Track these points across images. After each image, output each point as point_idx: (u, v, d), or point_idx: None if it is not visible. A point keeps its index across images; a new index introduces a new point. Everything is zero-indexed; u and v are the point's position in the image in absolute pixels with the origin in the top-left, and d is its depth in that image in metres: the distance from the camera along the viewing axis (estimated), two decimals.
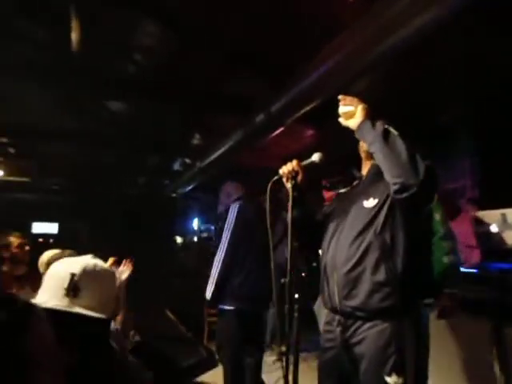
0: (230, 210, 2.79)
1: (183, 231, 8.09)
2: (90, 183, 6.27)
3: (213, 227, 8.58)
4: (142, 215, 6.22)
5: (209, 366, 3.57)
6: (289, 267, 1.37)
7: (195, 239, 9.09)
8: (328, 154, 1.60)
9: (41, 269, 2.15)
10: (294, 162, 1.59)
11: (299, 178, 1.59)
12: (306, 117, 3.12)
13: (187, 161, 5.78)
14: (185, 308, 4.49)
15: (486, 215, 1.27)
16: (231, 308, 2.64)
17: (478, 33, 2.39)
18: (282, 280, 1.38)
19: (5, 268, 2.75)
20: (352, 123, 1.47)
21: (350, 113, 1.48)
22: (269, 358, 4.09)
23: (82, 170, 5.79)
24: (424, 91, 2.93)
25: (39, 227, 6.74)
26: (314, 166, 1.57)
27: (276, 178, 1.58)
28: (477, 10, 1.69)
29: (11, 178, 5.79)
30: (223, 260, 2.66)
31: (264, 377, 2.91)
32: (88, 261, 0.96)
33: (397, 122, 1.41)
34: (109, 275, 0.96)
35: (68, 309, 0.88)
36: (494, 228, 2.32)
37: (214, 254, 2.81)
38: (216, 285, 2.63)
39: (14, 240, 2.72)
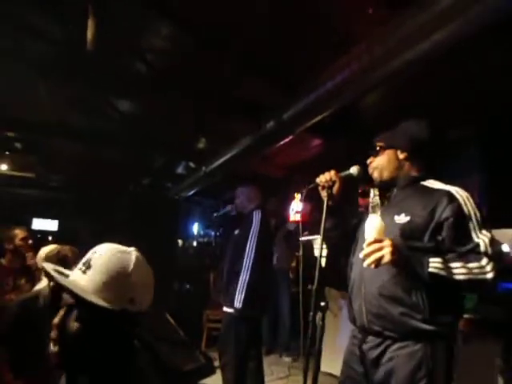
0: (254, 217, 2.77)
1: (183, 235, 8.05)
2: (94, 182, 6.25)
3: (213, 233, 8.54)
4: (144, 216, 6.19)
5: (207, 372, 3.51)
6: (317, 274, 1.35)
7: (194, 244, 9.05)
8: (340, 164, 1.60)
9: (39, 263, 2.14)
10: (332, 172, 1.57)
11: (335, 188, 1.56)
12: (316, 126, 3.13)
13: (191, 165, 5.78)
14: (184, 313, 4.45)
15: (497, 234, 1.25)
16: (253, 315, 2.67)
17: (493, 48, 2.40)
18: (309, 287, 1.36)
19: (4, 260, 2.75)
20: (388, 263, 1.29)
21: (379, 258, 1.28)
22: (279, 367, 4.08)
23: (87, 168, 5.78)
24: (437, 105, 2.94)
25: (39, 224, 6.71)
26: (351, 179, 1.55)
27: (312, 185, 1.58)
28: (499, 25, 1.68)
29: (15, 173, 5.78)
30: (252, 267, 2.62)
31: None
32: (120, 247, 0.91)
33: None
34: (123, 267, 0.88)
35: (62, 282, 0.83)
36: (505, 248, 2.29)
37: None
38: (246, 292, 2.60)
39: (19, 233, 2.74)
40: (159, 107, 4.09)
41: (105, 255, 0.87)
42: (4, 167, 5.67)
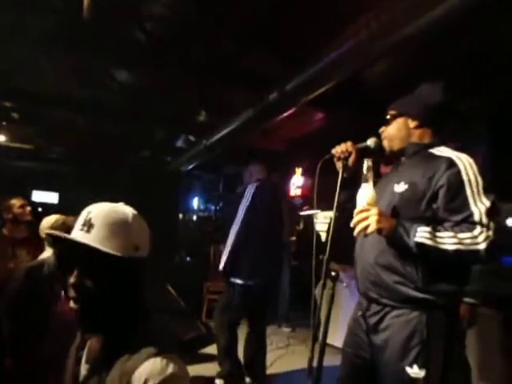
0: (248, 189, 2.91)
1: (183, 209, 8.08)
2: (94, 155, 6.20)
3: (213, 207, 8.58)
4: (145, 189, 6.19)
5: (207, 341, 3.61)
6: (329, 246, 1.34)
7: (194, 218, 9.10)
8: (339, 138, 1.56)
9: (42, 233, 2.14)
10: (348, 143, 1.51)
11: (351, 159, 1.51)
12: (319, 99, 3.07)
13: (191, 138, 5.71)
14: (184, 284, 4.52)
15: (502, 209, 1.24)
16: (241, 282, 2.77)
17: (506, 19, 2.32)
18: (321, 256, 1.36)
19: (6, 231, 2.76)
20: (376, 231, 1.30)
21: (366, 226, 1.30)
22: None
23: (87, 141, 5.71)
24: (446, 77, 2.86)
25: (39, 196, 6.69)
26: (367, 151, 1.50)
27: (327, 156, 1.52)
28: None
29: (14, 145, 5.71)
30: (237, 233, 2.80)
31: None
32: (111, 203, 0.96)
33: None
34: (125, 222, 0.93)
35: (76, 239, 0.87)
36: (510, 222, 2.28)
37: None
38: (228, 256, 2.78)
39: (16, 202, 2.73)
40: (159, 79, 4.00)
41: (103, 211, 0.91)
42: (2, 138, 5.60)
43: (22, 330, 1.88)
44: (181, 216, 7.97)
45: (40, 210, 6.33)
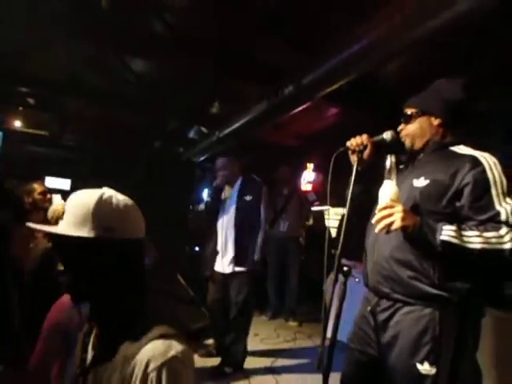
0: (263, 188, 3.23)
1: (194, 200, 8.10)
2: (108, 143, 6.24)
3: None
4: (157, 179, 6.22)
5: None
6: (341, 240, 1.33)
7: (203, 208, 9.12)
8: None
9: (50, 217, 2.17)
10: (364, 136, 1.50)
11: (366, 153, 1.50)
12: (334, 94, 3.03)
13: (203, 129, 5.71)
14: (193, 274, 4.54)
15: None
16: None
17: None
18: (333, 251, 1.36)
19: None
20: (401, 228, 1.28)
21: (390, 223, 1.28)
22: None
23: (100, 128, 5.74)
24: (465, 74, 2.80)
25: (52, 182, 6.76)
26: (384, 144, 1.48)
27: (342, 149, 1.50)
28: None
29: (29, 130, 5.77)
30: (264, 232, 3.19)
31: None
32: (88, 190, 0.98)
33: None
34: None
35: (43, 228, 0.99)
36: None
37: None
38: (261, 251, 3.13)
39: (37, 187, 2.77)
40: (174, 69, 3.99)
41: (73, 198, 0.96)
42: (18, 124, 5.66)
43: (37, 308, 1.92)
44: (191, 207, 8.00)
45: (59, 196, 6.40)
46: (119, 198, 0.96)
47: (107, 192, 0.96)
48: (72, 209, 0.93)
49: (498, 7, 1.73)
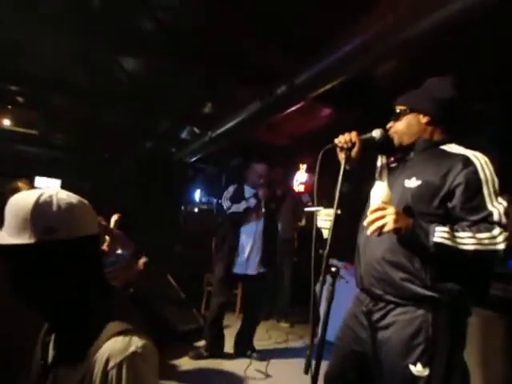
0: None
1: (186, 200, 8.05)
2: (98, 143, 6.17)
3: (215, 200, 8.53)
4: (148, 179, 6.17)
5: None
6: (329, 240, 1.31)
7: (195, 210, 9.06)
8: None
9: None
10: (353, 133, 1.46)
11: (354, 151, 1.47)
12: (327, 95, 3.02)
13: (196, 130, 5.67)
14: (185, 276, 4.51)
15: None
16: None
17: None
18: (320, 251, 1.33)
19: None
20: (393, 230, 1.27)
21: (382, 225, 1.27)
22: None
23: (91, 128, 5.68)
24: (459, 76, 2.81)
25: (42, 182, 6.65)
26: (373, 143, 1.46)
27: (329, 146, 1.46)
28: None
29: (18, 129, 5.68)
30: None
31: None
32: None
33: None
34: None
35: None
36: None
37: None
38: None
39: (23, 186, 2.69)
40: (166, 69, 3.96)
41: (9, 203, 0.89)
42: (7, 122, 5.57)
43: None
44: (182, 208, 7.95)
45: None
46: (61, 196, 0.90)
47: (46, 192, 0.89)
48: (9, 215, 0.87)
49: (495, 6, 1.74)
